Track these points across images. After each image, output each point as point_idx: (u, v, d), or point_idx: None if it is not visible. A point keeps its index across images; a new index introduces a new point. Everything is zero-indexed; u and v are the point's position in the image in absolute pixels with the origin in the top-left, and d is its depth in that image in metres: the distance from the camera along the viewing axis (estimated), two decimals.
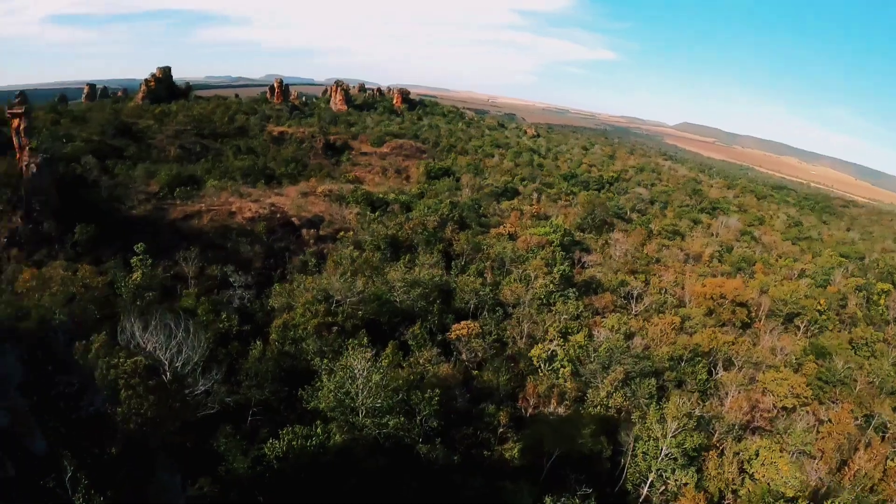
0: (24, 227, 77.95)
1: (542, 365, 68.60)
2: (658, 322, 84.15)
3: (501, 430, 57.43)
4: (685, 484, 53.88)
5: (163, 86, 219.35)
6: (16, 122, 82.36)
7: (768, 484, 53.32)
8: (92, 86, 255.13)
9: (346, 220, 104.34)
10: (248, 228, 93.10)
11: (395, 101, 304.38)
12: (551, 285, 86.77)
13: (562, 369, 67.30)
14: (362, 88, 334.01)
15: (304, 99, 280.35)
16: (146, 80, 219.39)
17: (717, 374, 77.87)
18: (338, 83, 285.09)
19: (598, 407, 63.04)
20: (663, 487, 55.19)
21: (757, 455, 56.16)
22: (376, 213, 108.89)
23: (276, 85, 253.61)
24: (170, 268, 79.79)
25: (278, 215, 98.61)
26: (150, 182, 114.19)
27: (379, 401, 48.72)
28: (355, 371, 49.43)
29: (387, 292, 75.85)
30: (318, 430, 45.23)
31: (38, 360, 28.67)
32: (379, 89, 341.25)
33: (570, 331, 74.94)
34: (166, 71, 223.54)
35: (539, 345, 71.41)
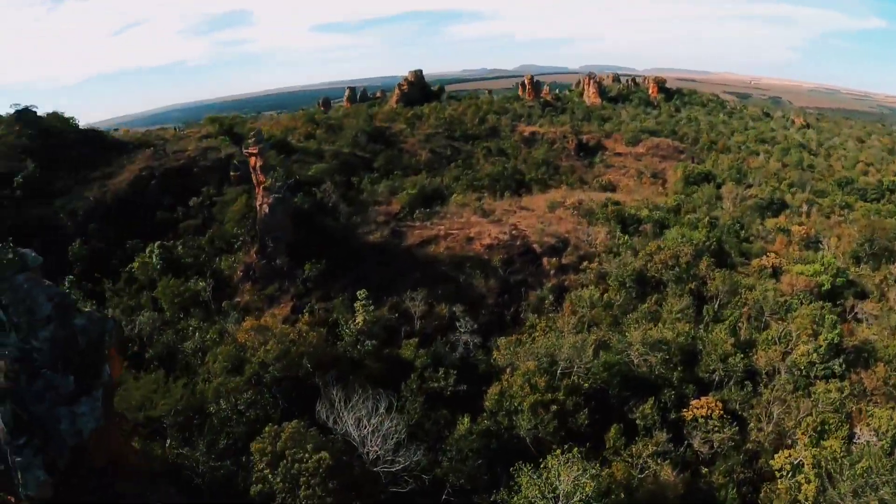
0: (258, 262, 78.88)
1: (784, 474, 52.42)
2: None
3: None
4: None
5: (415, 88, 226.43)
6: (252, 160, 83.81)
7: None
8: (352, 88, 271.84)
9: (593, 244, 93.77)
10: (484, 258, 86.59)
11: (650, 92, 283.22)
12: (814, 355, 67.32)
13: (805, 485, 50.30)
14: (616, 79, 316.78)
15: (556, 93, 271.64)
16: (399, 84, 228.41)
17: None
18: (590, 76, 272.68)
19: None
20: None
21: None
22: (625, 237, 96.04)
23: (526, 81, 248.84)
24: (396, 306, 75.94)
25: (518, 242, 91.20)
26: (391, 200, 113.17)
27: None
28: (557, 487, 41.20)
29: (622, 357, 64.18)
30: None
31: None
32: (634, 79, 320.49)
33: (827, 427, 56.27)
34: (418, 74, 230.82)
35: (783, 452, 54.81)
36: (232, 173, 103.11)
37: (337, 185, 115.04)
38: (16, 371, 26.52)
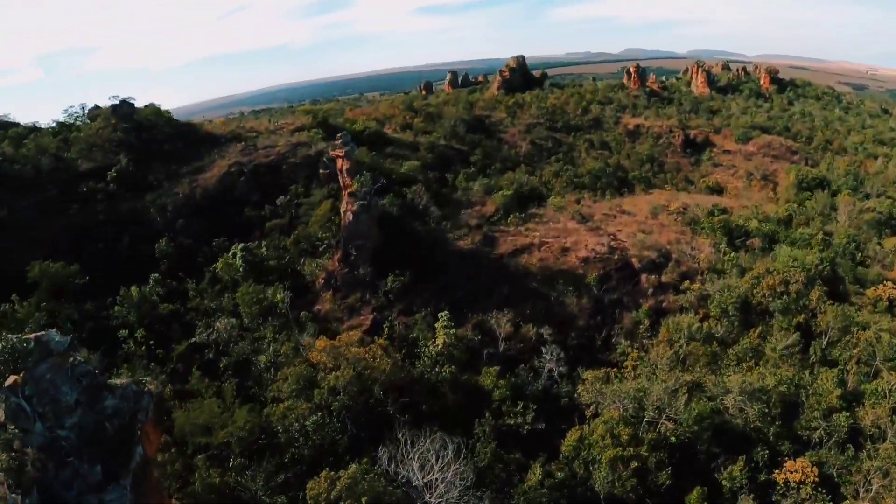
0: (340, 270, 75.94)
1: None
2: None
3: None
4: None
5: (517, 75, 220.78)
6: (339, 162, 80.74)
7: None
8: (454, 73, 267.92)
9: (697, 259, 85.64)
10: (579, 273, 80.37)
11: (762, 82, 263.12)
12: None
13: None
14: (725, 66, 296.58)
15: (662, 80, 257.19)
16: (501, 70, 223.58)
17: None
18: (698, 64, 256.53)
19: None
20: None
21: None
22: (731, 254, 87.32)
23: (632, 69, 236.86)
24: (481, 324, 71.43)
25: (616, 256, 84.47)
26: (486, 200, 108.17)
27: None
28: None
29: (716, 404, 57.57)
30: None
31: None
32: (744, 68, 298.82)
33: None
34: (520, 60, 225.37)
35: None
36: (321, 171, 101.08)
37: (430, 183, 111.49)
38: (42, 460, 26.12)
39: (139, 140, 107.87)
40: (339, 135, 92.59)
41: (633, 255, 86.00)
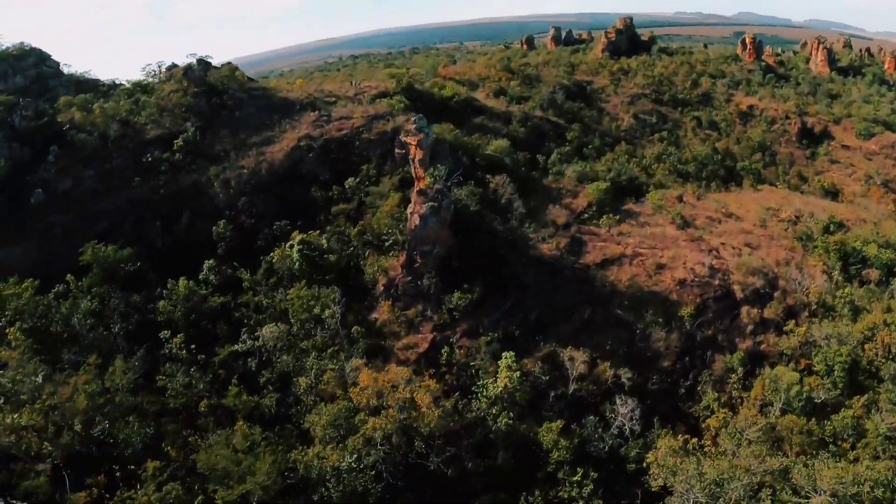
0: (403, 276, 69.01)
1: None
2: None
3: None
4: None
5: (624, 37, 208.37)
6: (412, 150, 73.01)
7: None
8: (557, 28, 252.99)
9: (806, 290, 74.71)
10: (672, 299, 70.57)
11: (885, 67, 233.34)
12: None
13: None
14: (847, 44, 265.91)
15: (778, 54, 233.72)
16: (606, 31, 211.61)
17: None
18: (819, 40, 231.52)
19: None
20: None
21: None
22: (845, 290, 75.90)
23: (748, 40, 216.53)
24: (551, 357, 63.34)
25: (717, 281, 74.17)
26: (579, 189, 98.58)
27: None
28: None
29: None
30: None
31: None
32: (868, 49, 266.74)
33: None
34: (628, 21, 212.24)
35: None
36: (397, 150, 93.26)
37: (517, 166, 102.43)
38: None
39: (209, 105, 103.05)
40: (412, 118, 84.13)
41: (735, 280, 75.47)
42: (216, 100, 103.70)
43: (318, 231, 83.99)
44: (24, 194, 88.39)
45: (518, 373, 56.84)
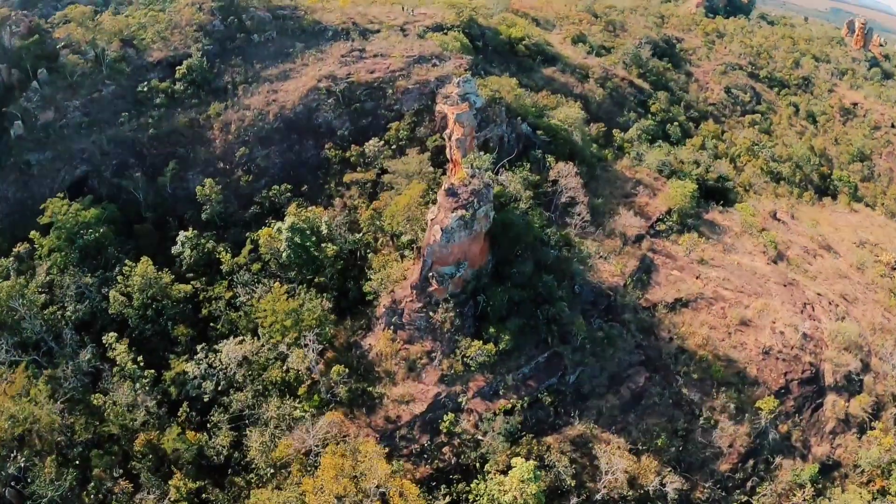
0: (410, 301, 53.74)
1: None
2: None
3: None
4: None
5: None
6: (450, 125, 57.08)
7: None
8: None
9: None
10: (750, 378, 54.98)
11: None
12: None
13: None
14: None
15: (883, 45, 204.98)
16: None
17: None
18: None
19: None
20: None
21: None
22: None
23: (858, 25, 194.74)
24: (583, 443, 48.64)
25: (806, 358, 58.52)
26: (657, 186, 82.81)
27: None
28: None
29: None
30: None
31: None
32: None
33: None
34: None
35: None
36: (438, 109, 75.87)
37: (588, 144, 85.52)
38: None
39: (224, 25, 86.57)
40: (456, 80, 66.33)
41: (825, 358, 59.51)
42: (234, 19, 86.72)
43: (321, 205, 68.83)
44: (6, 124, 77.78)
45: (534, 486, 41.17)
